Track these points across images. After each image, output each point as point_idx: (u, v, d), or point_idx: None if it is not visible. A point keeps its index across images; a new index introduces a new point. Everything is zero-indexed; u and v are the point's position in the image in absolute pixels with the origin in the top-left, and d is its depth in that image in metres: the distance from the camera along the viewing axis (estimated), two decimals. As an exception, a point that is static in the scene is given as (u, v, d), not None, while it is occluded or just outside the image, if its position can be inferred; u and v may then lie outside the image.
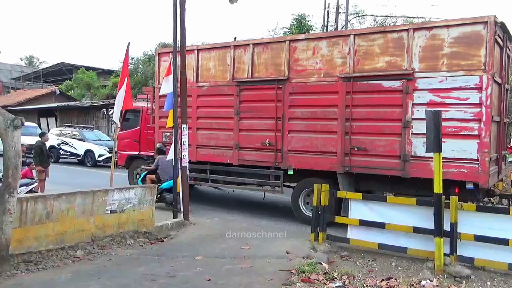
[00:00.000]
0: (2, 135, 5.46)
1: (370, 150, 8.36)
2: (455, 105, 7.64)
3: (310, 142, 9.06)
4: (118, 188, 7.39)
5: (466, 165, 7.55)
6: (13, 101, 34.05)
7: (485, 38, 7.43)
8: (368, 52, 8.46)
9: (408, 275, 6.06)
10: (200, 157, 10.62)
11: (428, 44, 7.88)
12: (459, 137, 7.60)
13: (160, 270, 5.77)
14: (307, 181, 9.28)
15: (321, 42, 8.99)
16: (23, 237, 5.91)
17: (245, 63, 9.89)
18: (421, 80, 7.90)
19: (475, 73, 7.49)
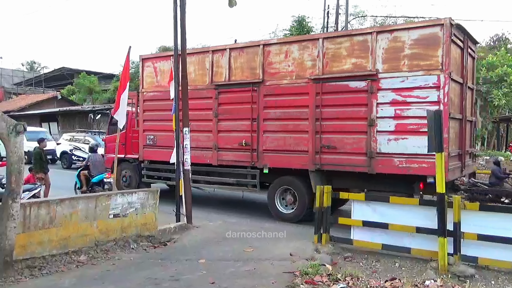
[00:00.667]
0: (5, 141, 5.47)
1: (339, 148, 8.80)
2: (415, 103, 8.02)
3: (284, 141, 9.48)
4: (121, 193, 7.40)
5: (427, 160, 7.81)
6: (15, 107, 34.17)
7: (441, 40, 7.83)
8: (335, 54, 8.88)
9: (412, 275, 6.05)
10: None
11: (390, 46, 8.28)
12: (420, 134, 7.86)
13: (164, 273, 5.77)
14: (282, 179, 9.74)
15: (292, 46, 9.44)
16: (26, 242, 5.92)
17: (222, 67, 10.29)
18: (384, 80, 8.31)
19: (433, 73, 7.89)
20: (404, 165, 8.13)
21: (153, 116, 11.70)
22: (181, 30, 8.54)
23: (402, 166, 8.15)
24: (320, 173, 9.13)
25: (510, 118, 20.22)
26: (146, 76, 11.77)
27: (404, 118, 8.13)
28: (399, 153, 8.18)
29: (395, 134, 8.24)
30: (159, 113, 11.41)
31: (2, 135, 5.42)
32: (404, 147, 8.10)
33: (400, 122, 8.21)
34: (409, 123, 8.07)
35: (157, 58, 11.95)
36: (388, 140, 8.27)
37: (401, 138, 8.18)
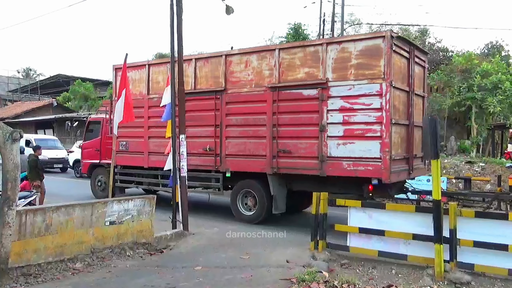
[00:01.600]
0: (1, 148, 5.45)
1: (294, 152, 9.30)
2: (361, 110, 8.55)
3: (244, 146, 9.99)
4: (117, 200, 7.38)
5: (371, 163, 8.41)
6: (10, 114, 34.06)
7: (383, 50, 8.34)
8: (290, 64, 9.39)
9: (408, 282, 6.06)
10: (152, 164, 11.52)
11: (339, 56, 8.80)
12: (365, 139, 8.50)
13: (160, 281, 5.75)
14: (243, 182, 10.22)
15: (252, 56, 9.94)
16: (22, 250, 5.89)
17: (189, 76, 10.72)
18: (333, 88, 8.82)
19: (376, 81, 8.39)
20: (351, 168, 8.63)
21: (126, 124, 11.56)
22: (178, 37, 8.59)
23: (350, 168, 8.64)
24: (278, 176, 9.64)
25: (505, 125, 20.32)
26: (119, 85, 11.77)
27: (351, 124, 8.67)
28: (347, 156, 8.67)
29: (343, 139, 8.72)
30: None
31: (-2, 142, 5.41)
32: (352, 151, 8.62)
33: (347, 128, 8.70)
34: (356, 129, 8.61)
35: (129, 67, 12.10)
36: (337, 145, 8.78)
37: (348, 143, 8.67)
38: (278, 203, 9.69)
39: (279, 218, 10.59)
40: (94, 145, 13.94)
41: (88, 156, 14.13)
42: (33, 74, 57.19)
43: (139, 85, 12.00)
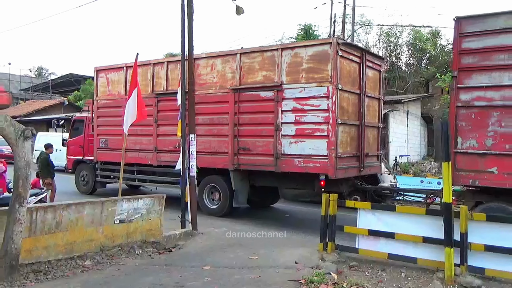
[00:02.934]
0: (13, 146, 5.51)
1: (253, 150, 9.97)
2: (311, 110, 9.21)
3: (209, 144, 10.68)
4: (127, 198, 7.41)
5: (319, 160, 9.08)
6: (22, 112, 34.36)
7: (330, 56, 8.95)
8: (250, 67, 10.08)
9: (418, 285, 6.00)
10: (128, 160, 12.04)
11: (292, 61, 9.44)
12: (314, 137, 9.19)
13: (169, 280, 5.77)
14: (209, 178, 10.92)
15: (217, 60, 10.68)
16: (32, 247, 5.95)
17: (162, 78, 11.60)
18: (287, 90, 9.48)
19: (323, 84, 9.02)
20: (302, 165, 9.31)
21: (105, 122, 13.15)
22: (189, 37, 8.59)
23: (301, 165, 9.33)
24: (239, 172, 10.35)
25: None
26: (100, 85, 13.22)
27: (302, 124, 9.34)
28: (299, 154, 9.34)
29: (295, 138, 9.40)
30: (110, 118, 12.89)
31: (10, 140, 5.47)
32: (302, 149, 9.30)
33: (299, 127, 9.38)
34: (306, 128, 9.30)
35: (109, 69, 13.17)
36: (290, 143, 9.46)
37: (300, 141, 9.36)
38: (239, 197, 10.40)
39: (289, 220, 10.58)
40: (78, 142, 14.83)
41: (73, 152, 15.07)
42: (45, 73, 57.72)
43: (117, 86, 12.80)
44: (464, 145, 7.58)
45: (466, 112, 7.61)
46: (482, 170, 7.43)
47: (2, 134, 5.52)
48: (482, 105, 7.49)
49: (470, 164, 7.54)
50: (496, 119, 7.34)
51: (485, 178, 7.44)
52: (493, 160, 7.36)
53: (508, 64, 7.25)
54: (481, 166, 7.44)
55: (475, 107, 7.54)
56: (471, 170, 7.53)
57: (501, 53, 7.30)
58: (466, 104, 7.61)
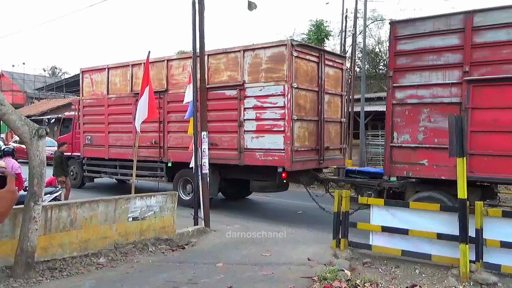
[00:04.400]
0: (27, 145, 5.57)
1: (219, 145, 10.58)
2: (269, 108, 9.87)
3: (182, 140, 11.26)
4: (140, 196, 7.46)
5: (277, 154, 9.76)
6: (36, 111, 34.76)
7: (286, 57, 9.54)
8: (217, 68, 10.74)
9: (432, 282, 5.94)
10: (112, 155, 13.17)
11: (253, 61, 10.07)
12: (272, 133, 9.85)
13: (182, 277, 5.79)
14: (182, 171, 11.54)
15: (188, 61, 11.07)
16: (48, 244, 6.02)
17: (139, 78, 11.77)
18: (249, 89, 10.13)
19: (280, 83, 9.68)
20: (262, 158, 10.00)
21: (90, 120, 13.93)
22: (200, 34, 8.59)
23: (261, 158, 10.01)
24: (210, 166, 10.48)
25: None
26: (85, 86, 13.97)
27: (262, 120, 10.00)
28: (259, 148, 10.01)
29: (256, 133, 10.05)
30: (95, 117, 13.71)
31: (25, 139, 5.53)
32: (262, 144, 9.97)
33: (259, 123, 10.04)
34: (265, 124, 9.95)
35: (93, 70, 13.87)
36: (252, 138, 10.13)
37: (260, 136, 10.02)
38: (210, 189, 10.49)
39: (301, 216, 10.56)
40: (67, 139, 15.41)
41: None
42: (58, 72, 58.26)
43: (101, 86, 13.47)
44: (399, 140, 8.22)
45: (400, 109, 8.23)
46: (414, 162, 8.05)
47: (17, 133, 5.59)
48: (414, 103, 8.10)
49: (404, 157, 8.18)
50: (426, 115, 7.96)
51: (417, 170, 8.07)
52: (424, 153, 7.98)
53: (436, 64, 7.84)
54: (413, 159, 8.05)
55: (408, 104, 8.15)
56: (406, 162, 8.16)
57: (430, 54, 7.91)
58: (401, 101, 8.23)
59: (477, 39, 7.49)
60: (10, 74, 41.53)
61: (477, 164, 7.48)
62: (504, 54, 7.28)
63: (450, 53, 7.73)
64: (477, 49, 7.50)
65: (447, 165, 7.47)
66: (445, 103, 7.80)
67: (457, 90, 7.68)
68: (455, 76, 7.68)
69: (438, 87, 7.86)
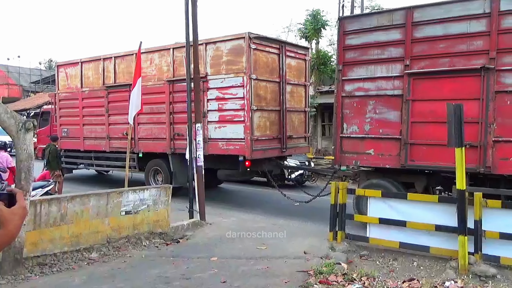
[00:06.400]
0: (14, 138, 5.42)
1: (185, 135, 10.15)
2: (230, 99, 10.15)
3: (151, 131, 11.80)
4: (132, 189, 7.32)
5: (238, 143, 10.07)
6: (32, 104, 34.47)
7: (244, 49, 9.80)
8: (181, 61, 10.74)
9: (431, 275, 5.84)
10: (86, 147, 13.54)
11: (215, 54, 10.32)
12: (234, 123, 10.13)
13: (175, 272, 5.67)
14: (153, 161, 12.08)
15: (154, 54, 11.61)
16: (38, 239, 5.89)
17: (110, 71, 12.63)
18: (211, 81, 10.38)
19: (239, 75, 9.94)
20: (225, 147, 10.30)
21: (66, 113, 14.21)
22: (193, 23, 8.40)
23: (224, 148, 10.32)
24: (177, 156, 11.26)
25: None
26: (60, 79, 14.20)
27: (224, 111, 10.28)
28: (222, 138, 10.32)
29: (219, 123, 10.35)
30: (70, 110, 14.00)
31: (11, 132, 5.37)
32: (225, 133, 10.29)
33: (222, 114, 10.31)
34: (227, 115, 10.23)
35: (68, 64, 14.14)
36: (215, 128, 10.42)
37: (222, 126, 10.31)
38: (177, 178, 11.36)
39: (298, 209, 10.45)
40: (45, 132, 16.34)
41: (42, 141, 16.44)
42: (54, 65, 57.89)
43: (75, 79, 13.69)
44: (349, 130, 8.53)
45: (349, 101, 8.55)
46: (362, 152, 8.39)
47: (3, 126, 5.42)
48: (361, 95, 8.40)
49: (353, 147, 8.51)
50: (372, 107, 8.25)
51: (365, 159, 8.40)
52: (370, 143, 8.30)
53: (381, 58, 8.11)
54: (361, 149, 8.39)
55: (356, 96, 8.46)
56: (354, 152, 8.50)
57: (375, 49, 8.18)
58: (349, 94, 8.53)
59: (417, 33, 7.74)
60: (5, 68, 41.12)
61: (417, 153, 7.81)
62: (441, 48, 7.55)
63: (393, 48, 8.00)
64: (417, 44, 7.76)
65: (391, 154, 8.03)
66: (389, 95, 8.06)
67: (399, 83, 7.94)
68: (397, 69, 7.95)
69: (383, 80, 8.13)
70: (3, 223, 1.55)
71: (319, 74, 19.08)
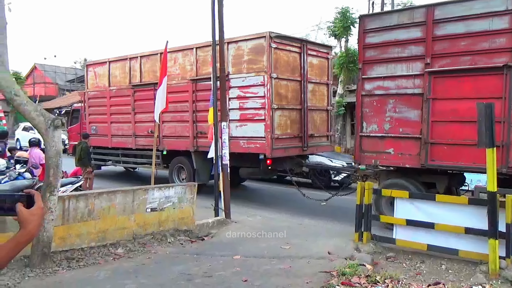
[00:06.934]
0: (43, 135, 5.57)
1: (208, 133, 10.41)
2: (251, 97, 10.27)
3: (175, 129, 12.04)
4: (158, 187, 7.41)
5: (259, 142, 10.19)
6: (67, 103, 35.47)
7: (265, 48, 9.94)
8: (204, 60, 11.12)
9: (459, 279, 5.66)
10: (114, 144, 13.86)
11: (236, 53, 10.41)
12: (254, 121, 10.24)
13: (198, 269, 5.70)
14: (177, 159, 12.32)
15: (178, 54, 11.76)
16: (66, 234, 6.04)
17: (136, 70, 12.94)
18: (233, 80, 10.46)
19: (260, 74, 10.08)
20: (246, 146, 10.42)
21: (95, 111, 14.61)
22: (219, 22, 8.42)
23: (245, 146, 10.43)
24: (199, 153, 11.40)
25: None
26: (89, 79, 14.68)
27: (245, 110, 10.40)
28: (243, 136, 10.42)
29: (240, 122, 10.45)
30: (98, 108, 14.37)
31: (40, 129, 5.52)
32: (245, 132, 10.40)
33: (243, 113, 10.43)
34: (248, 113, 10.36)
35: (96, 64, 14.60)
36: (236, 127, 10.51)
37: (243, 125, 10.42)
38: (200, 175, 11.58)
39: (324, 208, 10.34)
40: (76, 130, 16.71)
41: (72, 138, 16.85)
42: (86, 64, 59.19)
43: (103, 79, 14.07)
44: (368, 129, 8.49)
45: (369, 100, 8.49)
46: (381, 151, 8.33)
47: (33, 123, 5.59)
48: (381, 94, 8.32)
49: (372, 146, 8.45)
50: (392, 105, 8.20)
51: (384, 158, 8.34)
52: (390, 142, 8.24)
53: (401, 56, 8.05)
54: (381, 148, 8.33)
55: (376, 95, 8.38)
56: (374, 151, 8.44)
57: (395, 47, 8.12)
58: (369, 93, 8.47)
59: (438, 31, 7.64)
60: (42, 67, 42.53)
61: (437, 153, 7.71)
62: (462, 46, 7.43)
63: (413, 46, 7.92)
64: (438, 42, 7.66)
65: (411, 153, 7.96)
66: (409, 94, 8.00)
67: (420, 81, 7.85)
68: (418, 67, 7.87)
69: (403, 79, 8.07)
70: (23, 224, 1.64)
71: (348, 72, 18.80)
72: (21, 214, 1.63)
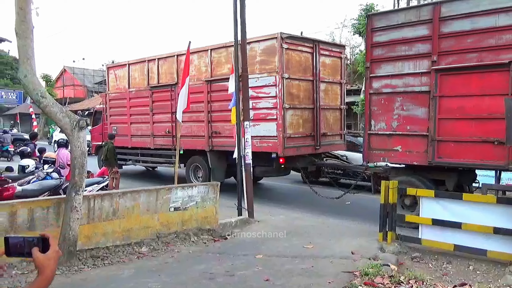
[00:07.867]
0: (69, 136, 5.69)
1: (222, 133, 11.37)
2: (264, 97, 10.48)
3: (190, 129, 12.23)
4: (181, 186, 7.47)
5: (271, 141, 10.39)
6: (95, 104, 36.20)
7: (277, 49, 10.11)
8: (219, 61, 11.44)
9: (488, 280, 5.51)
10: (133, 144, 14.26)
11: (249, 54, 9.81)
12: (267, 121, 10.46)
13: (220, 268, 5.72)
14: (193, 158, 12.57)
15: (194, 55, 11.71)
16: (91, 233, 6.15)
17: (154, 72, 13.25)
18: None
19: (272, 74, 10.26)
20: (258, 145, 10.49)
21: (116, 112, 15.02)
22: (241, 23, 8.43)
23: (258, 145, 10.47)
24: (215, 153, 11.76)
25: None
26: (110, 81, 15.09)
27: (257, 109, 10.54)
28: (256, 135, 10.30)
29: (253, 122, 10.09)
30: (119, 109, 14.74)
31: (66, 130, 5.64)
32: (258, 131, 10.45)
33: (256, 112, 10.50)
34: (261, 113, 10.53)
35: (117, 66, 15.10)
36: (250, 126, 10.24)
37: (256, 125, 10.39)
38: (216, 174, 11.78)
39: (348, 208, 10.24)
40: (98, 130, 16.89)
41: (95, 138, 17.13)
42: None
43: (123, 81, 14.44)
44: (376, 127, 8.58)
45: (377, 98, 8.58)
46: (389, 149, 8.42)
47: (59, 125, 5.72)
48: (388, 92, 8.39)
49: (380, 143, 8.55)
50: (399, 103, 8.26)
51: (392, 156, 8.45)
52: (398, 140, 8.33)
53: (408, 54, 8.10)
54: (389, 145, 8.42)
55: (384, 93, 8.45)
56: (382, 149, 8.53)
57: (402, 45, 8.18)
58: (377, 91, 8.56)
59: (444, 29, 7.66)
60: (71, 70, 43.53)
61: (444, 150, 7.74)
62: (468, 43, 7.44)
63: (420, 43, 7.97)
64: (444, 39, 7.69)
65: (418, 151, 8.02)
66: (416, 91, 8.03)
67: (426, 79, 7.88)
68: (425, 65, 7.91)
69: (410, 77, 8.13)
70: (40, 269, 1.64)
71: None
72: (37, 260, 1.64)
